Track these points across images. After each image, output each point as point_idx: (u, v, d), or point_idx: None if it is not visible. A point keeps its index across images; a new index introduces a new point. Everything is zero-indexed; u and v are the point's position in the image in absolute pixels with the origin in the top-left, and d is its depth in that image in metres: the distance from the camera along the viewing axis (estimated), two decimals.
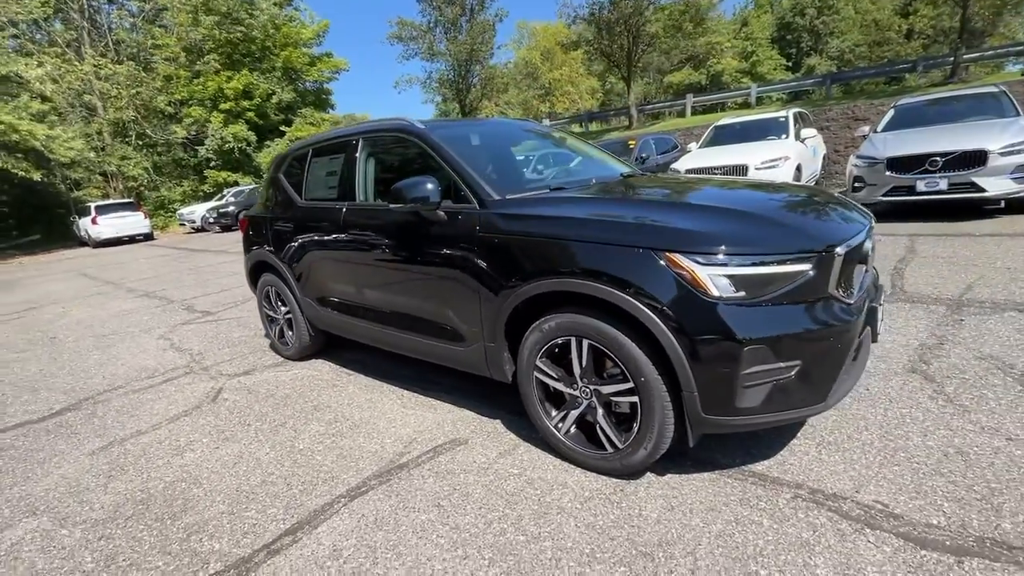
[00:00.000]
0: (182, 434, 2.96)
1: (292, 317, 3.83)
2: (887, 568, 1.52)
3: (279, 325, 4.03)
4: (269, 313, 4.12)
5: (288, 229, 3.64)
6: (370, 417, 2.92)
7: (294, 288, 3.68)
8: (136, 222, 19.02)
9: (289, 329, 3.94)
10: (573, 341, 2.06)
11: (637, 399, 1.92)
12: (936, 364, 2.74)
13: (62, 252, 19.08)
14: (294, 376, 3.70)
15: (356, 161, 3.13)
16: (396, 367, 3.61)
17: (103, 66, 23.09)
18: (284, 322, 3.97)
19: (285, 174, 3.82)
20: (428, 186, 2.39)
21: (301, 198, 3.62)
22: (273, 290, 3.96)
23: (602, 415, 2.07)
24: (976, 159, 5.75)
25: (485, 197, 2.38)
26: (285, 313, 3.91)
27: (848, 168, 7.13)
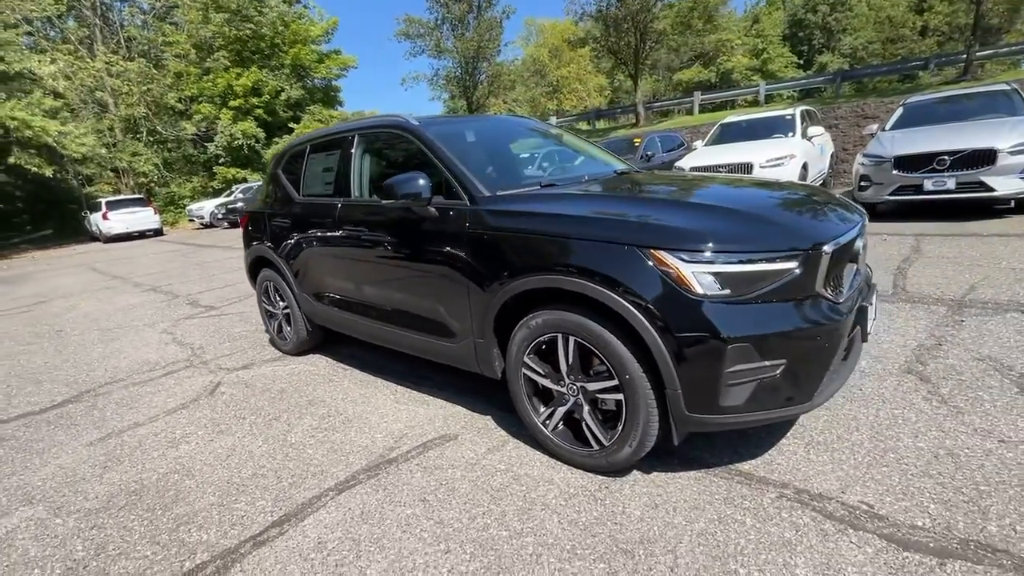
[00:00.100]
0: (178, 427, 3.00)
1: (290, 312, 3.86)
2: (868, 569, 1.51)
3: (278, 320, 4.06)
4: (268, 308, 4.15)
5: (286, 225, 3.66)
6: (363, 412, 2.94)
7: (292, 283, 3.71)
8: (146, 218, 19.24)
9: (287, 324, 3.97)
10: (560, 338, 2.06)
11: (622, 396, 1.91)
12: (933, 365, 2.70)
13: (74, 247, 19.35)
14: (291, 371, 3.73)
15: (352, 157, 3.14)
16: (391, 363, 3.62)
17: (115, 63, 23.40)
18: (282, 317, 4.00)
19: (284, 170, 3.84)
20: (419, 182, 2.40)
21: (299, 194, 3.64)
22: (272, 285, 3.99)
23: (588, 412, 2.07)
24: (985, 158, 5.66)
25: (476, 193, 2.38)
26: (283, 308, 3.94)
27: (855, 167, 7.04)
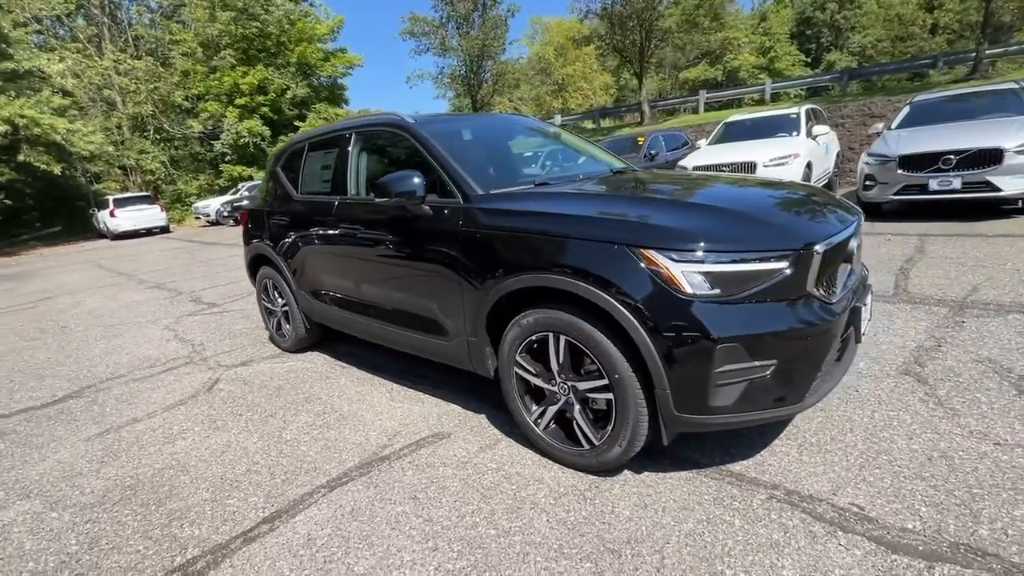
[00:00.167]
0: (176, 422, 3.02)
1: (289, 310, 3.88)
2: (855, 572, 1.49)
3: (277, 317, 4.08)
4: (267, 305, 4.17)
5: (284, 223, 3.68)
6: (358, 409, 2.95)
7: (290, 281, 3.72)
8: (153, 215, 19.38)
9: (286, 321, 3.98)
10: (550, 337, 2.05)
11: (612, 396, 1.91)
12: (931, 366, 2.67)
13: (82, 244, 19.53)
14: (289, 368, 3.75)
15: (349, 155, 3.15)
16: (389, 360, 3.63)
17: (122, 61, 23.60)
18: (281, 314, 4.01)
19: (283, 168, 3.86)
20: (414, 180, 2.40)
21: (297, 192, 3.65)
22: (271, 283, 4.01)
23: (579, 411, 2.06)
24: (991, 157, 5.58)
25: (469, 192, 2.38)
26: (282, 306, 3.96)
27: (859, 166, 6.97)
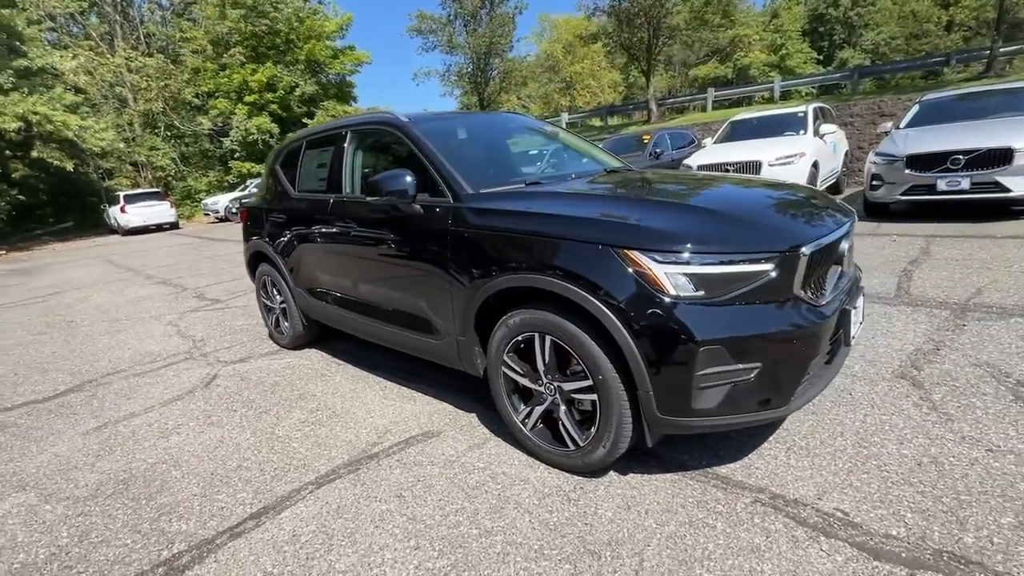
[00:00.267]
0: (171, 418, 3.05)
1: (286, 307, 3.90)
2: None
3: (275, 315, 4.11)
4: (266, 302, 4.20)
5: (282, 220, 3.70)
6: (351, 407, 2.96)
7: (287, 278, 3.75)
8: (163, 211, 19.59)
9: (284, 318, 4.01)
10: (537, 337, 2.05)
11: (596, 397, 1.90)
12: (928, 370, 2.64)
13: (93, 239, 19.80)
14: (286, 364, 3.78)
15: (344, 153, 3.16)
16: (385, 359, 3.64)
17: (134, 59, 23.83)
18: (279, 311, 4.04)
19: (282, 165, 3.88)
20: (405, 179, 2.40)
21: (295, 190, 3.67)
22: (269, 280, 4.03)
23: (564, 412, 2.06)
24: (1001, 157, 5.47)
25: (459, 191, 2.38)
26: (280, 303, 3.99)
27: (867, 165, 6.87)
